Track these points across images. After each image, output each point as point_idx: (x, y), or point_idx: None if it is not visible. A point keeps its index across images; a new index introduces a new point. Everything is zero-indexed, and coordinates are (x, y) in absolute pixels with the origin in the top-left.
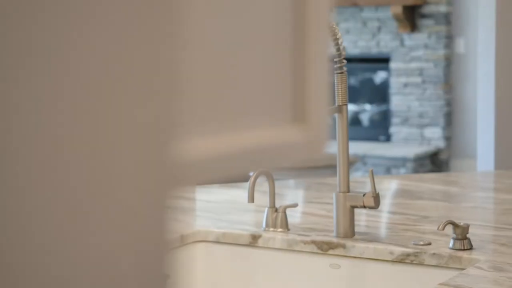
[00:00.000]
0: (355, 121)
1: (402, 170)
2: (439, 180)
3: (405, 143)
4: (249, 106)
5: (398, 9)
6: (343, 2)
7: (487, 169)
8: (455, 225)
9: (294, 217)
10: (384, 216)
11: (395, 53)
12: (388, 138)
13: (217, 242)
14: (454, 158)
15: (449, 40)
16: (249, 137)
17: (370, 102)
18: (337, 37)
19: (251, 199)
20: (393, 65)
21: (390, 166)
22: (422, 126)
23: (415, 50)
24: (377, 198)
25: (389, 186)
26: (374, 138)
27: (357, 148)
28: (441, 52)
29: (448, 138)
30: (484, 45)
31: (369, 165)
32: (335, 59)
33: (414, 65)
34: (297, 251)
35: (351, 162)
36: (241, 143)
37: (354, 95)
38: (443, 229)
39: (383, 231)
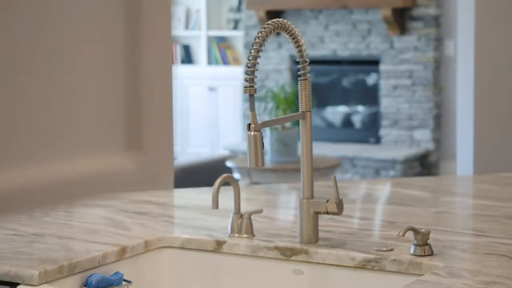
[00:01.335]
0: (346, 123)
1: (391, 172)
2: (410, 185)
3: (394, 145)
4: (79, 134)
5: (388, 12)
6: (333, 5)
7: (467, 173)
8: (416, 231)
9: (261, 222)
10: (351, 221)
11: (385, 56)
12: (378, 140)
13: (182, 248)
14: (443, 160)
15: (438, 42)
16: (81, 165)
17: (360, 104)
18: (300, 43)
19: (215, 205)
20: (382, 67)
21: (380, 168)
22: (411, 128)
23: (404, 53)
24: (340, 204)
25: (360, 191)
26: (364, 140)
27: (347, 150)
28: (431, 54)
29: (437, 140)
30: (463, 49)
31: (358, 167)
32: (298, 66)
33: (403, 67)
34: (261, 257)
35: (334, 165)
36: (71, 171)
37: (344, 97)
38: (403, 235)
39: (347, 237)
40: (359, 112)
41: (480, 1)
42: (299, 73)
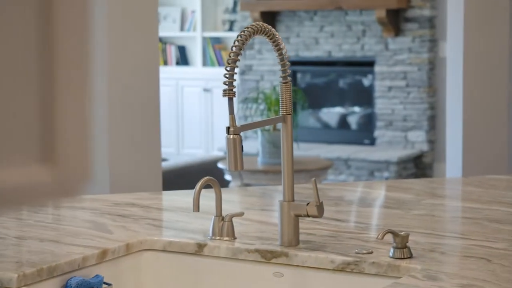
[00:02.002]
0: (341, 124)
1: (386, 174)
2: (395, 187)
3: (389, 146)
4: None
5: (382, 13)
6: (328, 6)
7: (457, 175)
8: (395, 234)
9: (244, 225)
10: (333, 224)
11: (380, 57)
12: (372, 142)
13: (164, 251)
14: (437, 162)
15: (432, 44)
16: None
17: (355, 105)
18: (281, 47)
19: (196, 208)
20: (377, 68)
21: (374, 170)
22: (406, 130)
23: (399, 54)
24: (320, 207)
25: (345, 193)
26: (359, 141)
27: (342, 151)
28: (425, 56)
29: (431, 142)
30: (452, 52)
31: (353, 168)
32: (280, 69)
33: (398, 68)
34: (242, 260)
35: (325, 167)
36: None
37: (339, 98)
38: (382, 238)
39: (328, 240)
40: (354, 114)
41: (469, 4)
42: (280, 76)
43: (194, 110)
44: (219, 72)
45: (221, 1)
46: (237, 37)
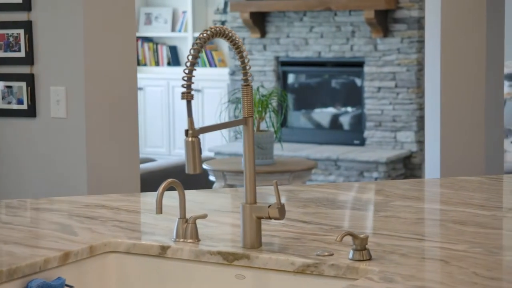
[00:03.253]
0: (331, 125)
1: (375, 174)
2: (366, 189)
3: (379, 146)
4: None
5: (371, 14)
6: (317, 6)
7: (436, 176)
8: (354, 236)
9: (210, 227)
10: (298, 226)
11: (369, 58)
12: (362, 142)
13: (128, 253)
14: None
15: (421, 44)
16: None
17: (345, 106)
18: (242, 50)
19: (159, 210)
20: (366, 69)
21: (363, 170)
22: (395, 130)
23: (388, 55)
24: (282, 210)
25: (315, 195)
26: (349, 142)
27: (332, 152)
28: (414, 56)
29: (421, 142)
30: (430, 53)
31: (342, 169)
32: (241, 71)
33: (387, 69)
34: (204, 262)
35: (309, 168)
36: None
37: (329, 99)
38: (341, 240)
39: (291, 242)
40: (344, 114)
41: (446, 5)
42: (241, 78)
43: (185, 111)
44: (210, 72)
45: (212, 2)
46: (196, 41)
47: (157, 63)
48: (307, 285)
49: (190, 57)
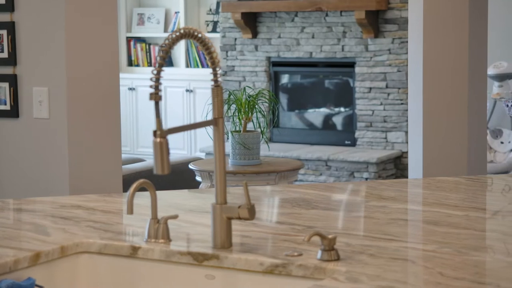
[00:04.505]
0: (323, 125)
1: (365, 174)
2: (343, 189)
3: (370, 147)
4: None
5: (362, 14)
6: (308, 7)
7: (418, 176)
8: (322, 237)
9: (183, 227)
10: (270, 226)
11: (360, 58)
12: (353, 142)
13: (100, 253)
14: None
15: None
16: None
17: (336, 106)
18: (211, 50)
19: (130, 210)
20: (357, 69)
21: (354, 170)
22: (386, 130)
23: (378, 55)
24: (251, 210)
25: (292, 195)
26: (340, 142)
27: (323, 152)
28: (404, 57)
29: None
30: (412, 54)
31: (333, 169)
32: (211, 72)
33: (378, 69)
34: (175, 262)
35: (296, 168)
36: None
37: (321, 99)
38: (309, 240)
39: (261, 242)
40: (336, 114)
41: (428, 6)
42: (211, 79)
43: (177, 111)
44: (203, 73)
45: (204, 2)
46: (164, 42)
47: (149, 64)
48: (275, 285)
49: (158, 59)
